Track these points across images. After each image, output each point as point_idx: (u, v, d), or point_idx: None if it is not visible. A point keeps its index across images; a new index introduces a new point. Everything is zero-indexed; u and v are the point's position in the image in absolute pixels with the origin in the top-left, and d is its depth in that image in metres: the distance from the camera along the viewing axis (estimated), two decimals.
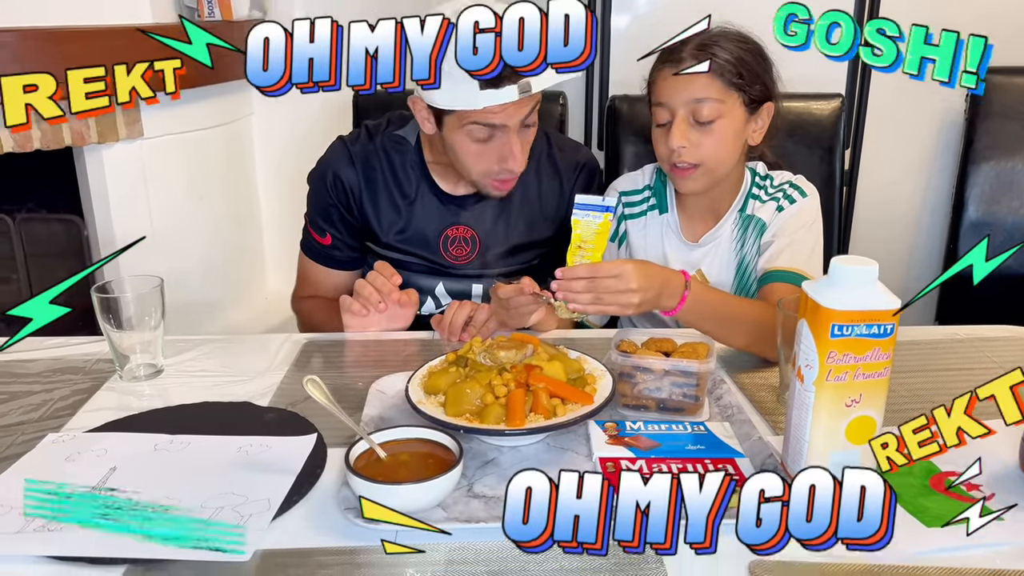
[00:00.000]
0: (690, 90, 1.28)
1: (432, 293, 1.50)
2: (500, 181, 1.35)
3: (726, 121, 1.29)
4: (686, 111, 1.29)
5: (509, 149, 1.29)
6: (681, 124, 1.29)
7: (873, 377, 0.82)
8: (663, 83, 1.30)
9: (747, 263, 1.41)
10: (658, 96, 1.32)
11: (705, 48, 1.28)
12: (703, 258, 1.41)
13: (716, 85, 1.28)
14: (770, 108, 1.35)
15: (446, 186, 1.46)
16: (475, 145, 1.30)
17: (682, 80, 1.28)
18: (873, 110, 2.36)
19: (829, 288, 0.82)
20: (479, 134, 1.28)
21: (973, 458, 0.94)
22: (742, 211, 1.40)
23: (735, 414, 1.05)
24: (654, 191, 1.45)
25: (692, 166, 1.30)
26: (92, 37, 1.84)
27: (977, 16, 2.31)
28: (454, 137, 1.31)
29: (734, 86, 1.29)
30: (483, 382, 0.98)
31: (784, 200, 1.38)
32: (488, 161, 1.32)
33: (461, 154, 1.32)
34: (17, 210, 2.19)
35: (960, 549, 0.80)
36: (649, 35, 2.28)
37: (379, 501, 0.83)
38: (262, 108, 2.48)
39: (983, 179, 2.10)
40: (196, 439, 1.00)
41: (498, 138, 1.29)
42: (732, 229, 1.40)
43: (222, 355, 1.26)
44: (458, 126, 1.29)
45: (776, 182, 1.41)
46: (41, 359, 1.23)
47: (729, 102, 1.29)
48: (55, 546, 0.80)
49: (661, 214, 1.43)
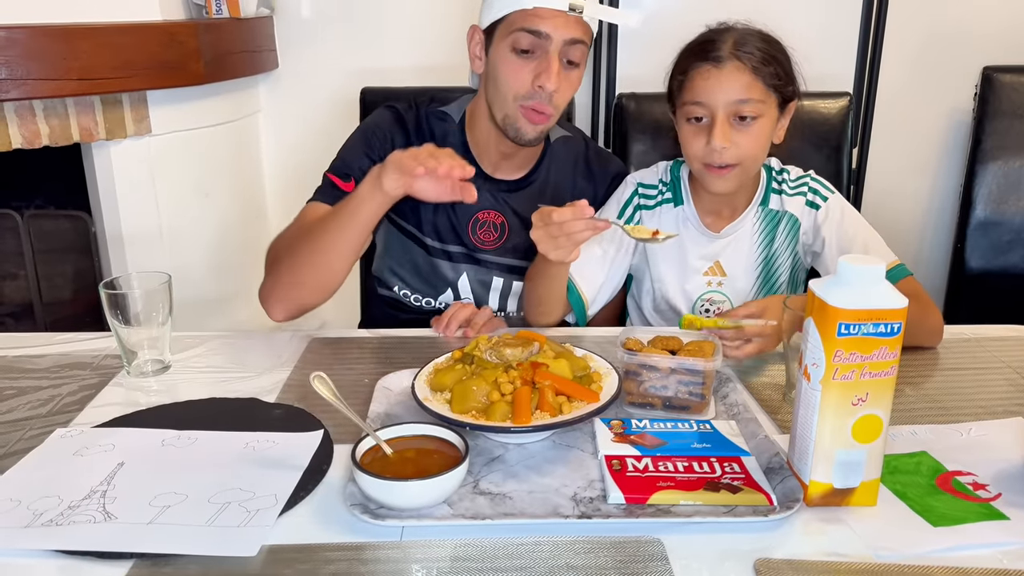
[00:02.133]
0: (734, 90, 1.27)
1: (455, 286, 1.50)
2: (533, 111, 1.32)
3: (764, 120, 1.30)
4: (727, 111, 1.28)
5: (547, 65, 1.29)
6: (723, 124, 1.28)
7: (880, 376, 0.82)
8: (703, 82, 1.29)
9: (776, 258, 1.42)
10: (695, 94, 1.30)
11: (742, 47, 1.27)
12: (723, 249, 1.42)
13: (758, 86, 1.28)
14: (792, 108, 1.35)
15: (485, 167, 1.45)
16: (515, 58, 1.30)
17: (724, 80, 1.27)
18: (881, 109, 2.36)
19: (836, 287, 0.82)
20: (522, 42, 1.29)
21: (980, 458, 0.95)
22: (763, 204, 1.41)
23: (741, 412, 1.04)
24: (668, 186, 1.45)
25: (729, 165, 1.30)
26: (102, 34, 1.84)
27: (984, 15, 2.31)
28: (497, 52, 1.32)
29: (772, 87, 1.29)
30: (489, 379, 0.98)
31: (812, 195, 1.40)
32: (524, 79, 1.30)
33: (501, 70, 1.32)
34: (25, 206, 2.20)
35: (966, 548, 0.80)
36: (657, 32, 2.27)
37: (385, 498, 0.83)
38: (269, 105, 2.48)
39: (991, 178, 2.09)
40: (203, 435, 1.00)
41: (538, 55, 1.29)
42: (754, 223, 1.42)
43: (229, 351, 1.26)
44: (503, 36, 1.30)
45: (793, 176, 1.43)
46: (49, 354, 1.24)
47: (768, 102, 1.30)
48: (63, 540, 0.80)
49: (676, 206, 1.43)
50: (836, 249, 1.38)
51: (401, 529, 0.83)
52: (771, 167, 1.44)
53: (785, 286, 1.45)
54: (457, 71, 2.00)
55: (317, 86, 2.44)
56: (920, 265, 2.52)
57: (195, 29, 2.00)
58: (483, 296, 1.51)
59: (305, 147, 2.46)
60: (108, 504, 0.86)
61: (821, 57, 2.34)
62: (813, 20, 2.28)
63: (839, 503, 0.86)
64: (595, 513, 0.84)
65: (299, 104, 2.46)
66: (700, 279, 1.43)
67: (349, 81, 2.09)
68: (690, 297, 1.44)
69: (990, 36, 2.30)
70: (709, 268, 1.43)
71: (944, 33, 2.33)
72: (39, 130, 1.88)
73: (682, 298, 1.44)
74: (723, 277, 1.43)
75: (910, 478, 0.91)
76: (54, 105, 1.88)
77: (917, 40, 2.33)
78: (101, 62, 1.84)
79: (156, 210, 2.13)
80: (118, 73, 1.88)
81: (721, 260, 1.43)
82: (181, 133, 2.15)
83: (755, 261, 1.43)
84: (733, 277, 1.42)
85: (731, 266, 1.42)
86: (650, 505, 0.85)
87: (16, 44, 1.73)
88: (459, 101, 1.49)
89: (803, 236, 1.41)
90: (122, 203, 2.08)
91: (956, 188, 2.36)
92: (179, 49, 1.97)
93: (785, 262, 1.43)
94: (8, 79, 1.74)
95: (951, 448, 0.97)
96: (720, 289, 1.43)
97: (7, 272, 2.27)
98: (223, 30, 2.12)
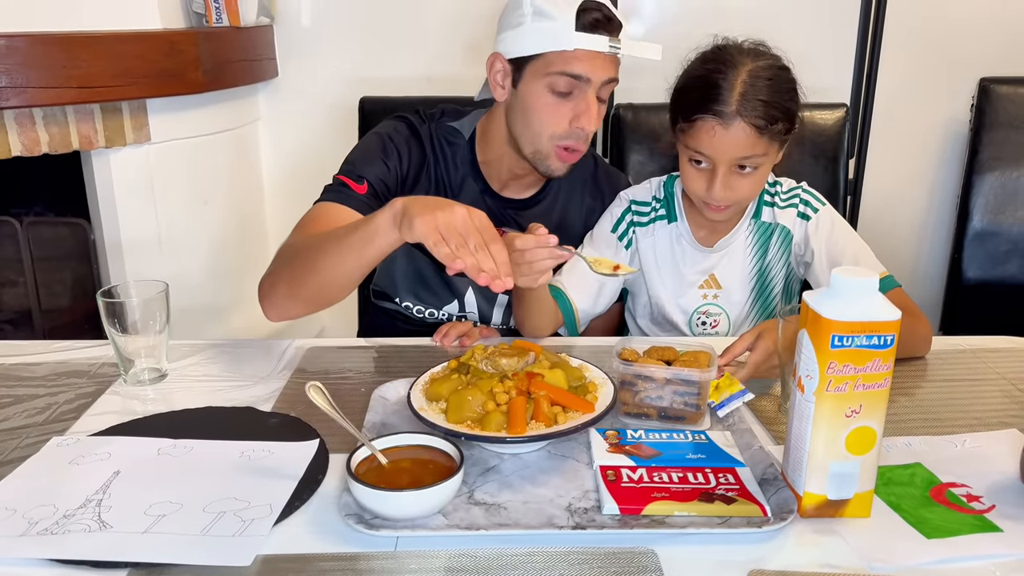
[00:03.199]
0: (737, 149, 1.25)
1: (461, 299, 1.50)
2: (567, 150, 1.32)
3: (766, 166, 1.31)
4: (730, 164, 1.27)
5: (586, 106, 1.27)
6: (725, 175, 1.28)
7: (873, 388, 0.82)
8: (708, 137, 1.26)
9: (770, 270, 1.43)
10: (699, 146, 1.27)
11: (747, 99, 1.23)
12: (718, 263, 1.43)
13: (762, 143, 1.26)
14: (793, 134, 1.33)
15: (494, 185, 1.45)
16: (552, 99, 1.28)
17: (729, 139, 1.25)
18: (878, 120, 2.37)
19: (830, 299, 0.82)
20: (560, 85, 1.27)
21: (974, 470, 0.95)
22: (756, 217, 1.42)
23: (736, 423, 1.05)
24: (662, 202, 1.45)
25: (727, 205, 1.32)
26: (102, 42, 1.85)
27: (981, 27, 2.32)
28: (531, 89, 1.29)
29: (775, 137, 1.27)
30: (485, 389, 0.98)
31: (804, 207, 1.41)
32: (562, 119, 1.29)
33: (535, 109, 1.30)
34: (24, 213, 2.20)
35: (960, 560, 0.80)
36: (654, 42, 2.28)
37: (380, 508, 0.83)
38: (269, 114, 2.49)
39: (987, 189, 2.10)
40: (199, 443, 1.00)
41: (577, 95, 1.28)
42: (747, 235, 1.42)
43: (226, 360, 1.26)
44: (539, 76, 1.28)
45: (785, 188, 1.43)
46: (46, 362, 1.24)
47: (771, 151, 1.29)
48: (58, 549, 0.80)
49: (670, 223, 1.44)
50: (826, 260, 1.38)
51: (396, 539, 0.83)
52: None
53: (780, 297, 1.46)
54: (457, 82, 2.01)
55: (316, 95, 2.44)
56: (917, 275, 2.52)
57: (195, 37, 2.01)
58: (488, 311, 1.51)
59: (304, 155, 2.46)
60: (103, 513, 0.86)
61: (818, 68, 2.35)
62: (810, 31, 2.29)
63: (833, 515, 0.86)
64: (589, 524, 0.85)
65: (298, 113, 2.47)
66: (695, 292, 1.44)
67: (348, 90, 2.10)
68: (686, 311, 1.44)
69: (987, 47, 2.32)
70: (704, 281, 1.43)
71: (941, 44, 2.34)
72: (39, 138, 1.88)
73: (678, 312, 1.45)
74: (718, 290, 1.43)
75: (904, 490, 0.91)
76: (54, 113, 1.88)
77: (914, 51, 2.34)
78: (101, 70, 1.85)
79: (155, 218, 2.14)
80: (118, 81, 1.89)
81: (716, 273, 1.43)
82: (180, 141, 2.15)
83: (749, 273, 1.43)
84: (728, 290, 1.43)
85: (726, 279, 1.43)
86: (644, 516, 0.85)
87: (16, 52, 1.74)
88: (469, 117, 1.47)
89: (795, 247, 1.42)
90: (121, 211, 2.08)
91: (953, 199, 2.37)
92: (179, 57, 1.98)
93: (779, 273, 1.44)
94: (8, 87, 1.74)
95: (945, 460, 0.97)
96: (716, 302, 1.44)
97: (6, 279, 2.27)
98: (223, 39, 2.13)
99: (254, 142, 2.49)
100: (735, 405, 1.06)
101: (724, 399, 1.07)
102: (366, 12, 2.37)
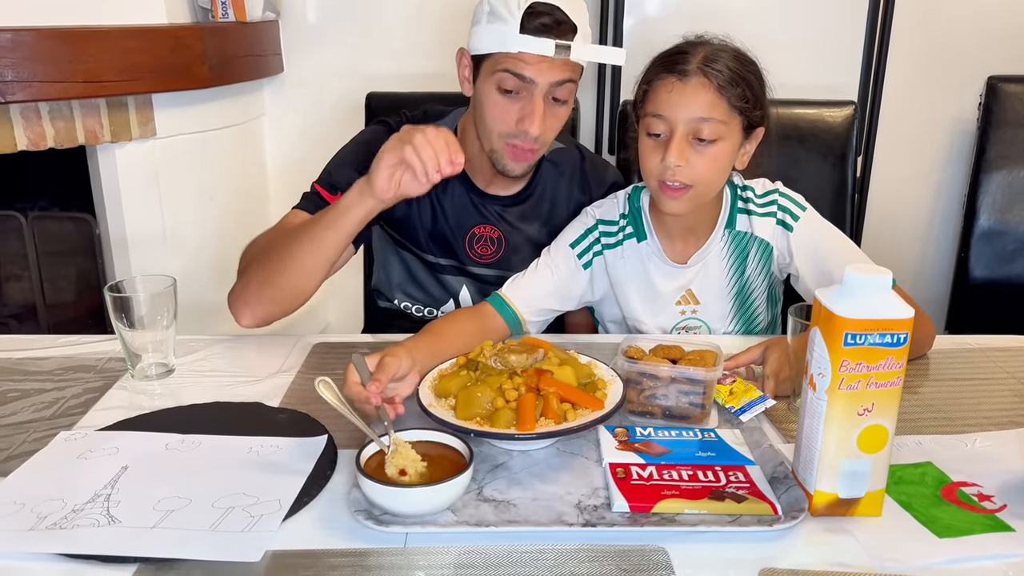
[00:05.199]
0: (695, 106, 1.20)
1: (456, 297, 1.50)
2: (517, 149, 1.31)
3: (725, 144, 1.23)
4: (687, 128, 1.21)
5: (531, 108, 1.27)
6: (680, 141, 1.20)
7: (886, 386, 0.82)
8: (666, 95, 1.22)
9: (749, 282, 1.36)
10: (657, 107, 1.23)
11: (711, 63, 1.20)
12: (693, 278, 1.36)
13: (722, 106, 1.21)
14: (760, 134, 1.29)
15: (479, 182, 1.45)
16: (500, 97, 1.29)
17: (687, 95, 1.20)
18: (885, 118, 2.36)
19: (842, 296, 0.82)
20: (507, 83, 1.27)
21: (985, 469, 0.95)
22: (729, 227, 1.35)
23: (746, 421, 1.04)
24: (628, 219, 1.38)
25: (684, 186, 1.23)
26: (108, 37, 1.85)
27: (989, 25, 2.31)
28: (483, 87, 1.30)
29: (737, 109, 1.22)
30: (494, 386, 0.98)
31: (783, 214, 1.33)
32: (508, 118, 1.29)
33: (486, 106, 1.31)
34: (30, 208, 2.20)
35: (972, 560, 0.80)
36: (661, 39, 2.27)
37: (389, 504, 0.83)
38: (274, 109, 2.48)
39: (995, 188, 2.09)
40: (207, 439, 1.00)
41: (523, 95, 1.28)
42: (721, 247, 1.35)
43: (233, 355, 1.26)
44: (490, 72, 1.28)
45: (759, 191, 1.35)
46: (53, 357, 1.24)
47: (731, 124, 1.23)
48: (67, 544, 0.80)
49: (639, 241, 1.37)
50: (815, 271, 1.31)
51: (405, 536, 0.82)
52: (734, 184, 1.37)
53: (764, 305, 1.40)
54: None
55: (322, 90, 2.44)
56: (923, 274, 2.51)
57: (200, 33, 2.01)
58: None
59: (309, 151, 2.45)
60: (112, 508, 0.86)
61: (826, 66, 2.35)
62: (818, 30, 2.28)
63: (844, 513, 0.86)
64: (599, 521, 0.84)
65: (303, 108, 2.47)
66: (673, 309, 1.37)
67: (354, 86, 2.09)
68: (664, 328, 1.38)
69: (995, 45, 2.31)
70: (681, 297, 1.37)
71: (949, 42, 2.33)
72: (44, 132, 1.88)
73: (656, 329, 1.38)
74: (696, 305, 1.37)
75: (915, 489, 0.91)
76: (59, 107, 1.88)
77: (922, 49, 2.33)
78: (107, 65, 1.85)
79: (160, 213, 2.14)
80: (123, 76, 1.89)
81: (692, 288, 1.36)
82: (186, 136, 2.15)
83: (728, 286, 1.36)
84: (707, 304, 1.36)
85: (703, 293, 1.36)
86: (654, 514, 0.85)
87: (22, 46, 1.73)
88: (451, 116, 1.48)
89: (777, 258, 1.35)
90: (126, 206, 2.08)
91: (960, 197, 2.36)
92: (184, 53, 1.98)
93: (760, 285, 1.37)
94: (14, 81, 1.74)
95: (956, 459, 0.97)
96: (695, 316, 1.37)
97: (11, 274, 2.27)
98: (228, 34, 2.13)
99: (259, 138, 2.49)
100: (758, 410, 1.05)
101: (744, 404, 1.06)
102: (372, 7, 2.37)
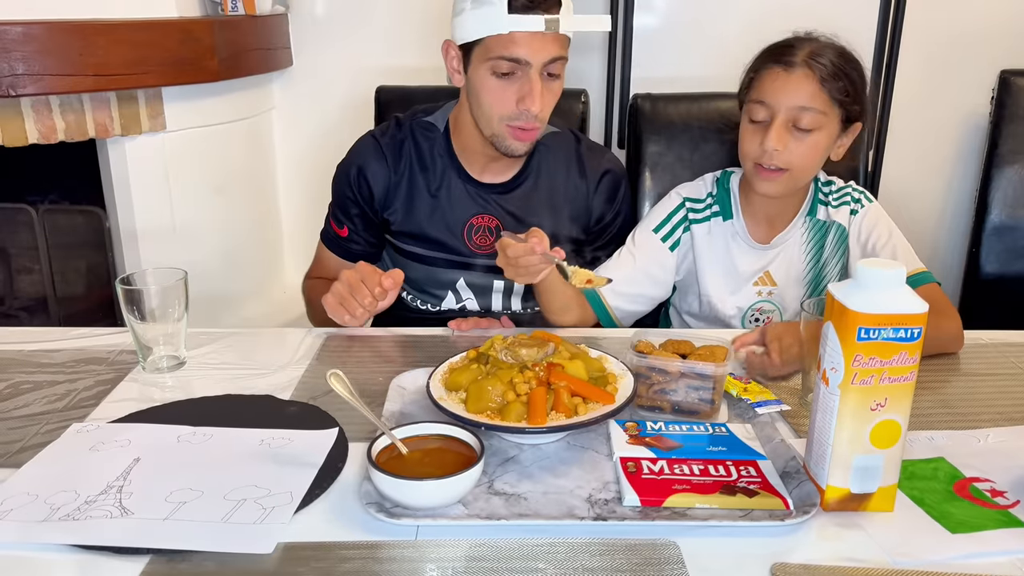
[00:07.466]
0: (798, 96, 1.28)
1: (453, 287, 1.50)
2: (519, 129, 1.33)
3: (823, 133, 1.31)
4: (787, 115, 1.29)
5: (529, 88, 1.28)
6: (780, 127, 1.29)
7: (899, 381, 0.82)
8: (771, 82, 1.30)
9: (824, 267, 1.44)
10: (761, 94, 1.31)
11: (817, 57, 1.28)
12: (773, 260, 1.43)
13: (823, 97, 1.29)
14: (857, 128, 1.36)
15: (473, 172, 1.46)
16: (496, 81, 1.30)
17: (791, 84, 1.28)
18: (897, 112, 2.35)
19: (856, 291, 0.82)
20: (501, 68, 1.28)
21: (997, 464, 0.94)
22: (811, 215, 1.43)
23: (757, 416, 1.04)
24: (716, 199, 1.45)
25: (779, 170, 1.31)
26: (118, 30, 1.85)
27: (1001, 18, 2.29)
28: (477, 74, 1.31)
29: (837, 101, 1.30)
30: (504, 379, 0.98)
31: (855, 203, 1.42)
32: (508, 101, 1.30)
33: (483, 94, 1.32)
34: (40, 201, 2.21)
35: (984, 556, 0.79)
36: (672, 33, 2.27)
37: (401, 497, 0.83)
38: (283, 103, 2.48)
39: (1007, 182, 2.08)
40: (219, 431, 1.01)
41: (519, 76, 1.29)
42: (802, 233, 1.43)
43: (244, 348, 1.26)
44: (482, 60, 1.29)
45: (837, 186, 1.45)
46: (65, 349, 1.24)
47: (830, 115, 1.30)
48: (80, 535, 0.80)
49: (725, 220, 1.44)
50: (860, 253, 1.39)
51: (416, 528, 0.83)
52: (818, 178, 1.45)
53: None
54: None
55: (331, 84, 2.44)
56: (934, 269, 2.46)
57: (211, 26, 2.01)
58: (486, 299, 1.52)
59: (319, 145, 2.46)
60: (124, 499, 0.86)
61: None
62: (829, 23, 2.24)
63: (856, 508, 0.86)
64: (610, 515, 0.84)
65: (313, 102, 2.47)
66: (751, 289, 1.44)
67: (363, 79, 2.09)
68: (740, 307, 1.45)
69: (1007, 39, 2.29)
70: (759, 278, 1.43)
71: (961, 36, 2.31)
72: (55, 125, 1.89)
73: (732, 308, 1.45)
74: (773, 287, 1.44)
75: (927, 484, 0.91)
76: (70, 101, 1.89)
77: (934, 43, 2.32)
78: (117, 58, 1.85)
79: (170, 206, 2.14)
80: (134, 69, 1.89)
81: (771, 270, 1.43)
82: (195, 130, 2.15)
83: (804, 271, 1.43)
84: (783, 287, 1.43)
85: (780, 276, 1.43)
86: (666, 508, 0.85)
87: (33, 40, 1.74)
88: (442, 109, 1.50)
89: (850, 243, 1.42)
90: (136, 199, 2.09)
91: (972, 192, 2.35)
92: (194, 46, 1.98)
93: (834, 270, 1.44)
94: (25, 74, 1.74)
95: (968, 454, 0.96)
96: (770, 299, 1.44)
97: (22, 266, 2.28)
98: (238, 27, 2.13)
99: (268, 131, 2.49)
100: (773, 410, 1.05)
101: (759, 400, 1.06)
102: (381, 1, 2.36)
